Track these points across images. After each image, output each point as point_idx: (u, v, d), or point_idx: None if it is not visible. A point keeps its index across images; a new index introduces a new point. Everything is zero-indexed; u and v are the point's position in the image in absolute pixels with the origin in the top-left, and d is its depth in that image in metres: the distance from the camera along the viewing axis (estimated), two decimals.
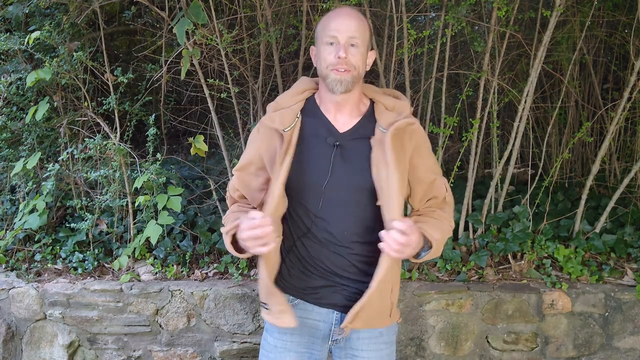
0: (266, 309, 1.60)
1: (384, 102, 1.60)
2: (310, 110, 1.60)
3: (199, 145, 2.61)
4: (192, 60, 2.64)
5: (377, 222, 1.53)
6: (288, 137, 1.52)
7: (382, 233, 1.38)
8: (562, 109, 3.34)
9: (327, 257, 1.57)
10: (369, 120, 1.58)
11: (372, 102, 1.62)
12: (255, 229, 1.36)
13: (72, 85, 3.03)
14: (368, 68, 1.58)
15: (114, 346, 2.71)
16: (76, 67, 2.83)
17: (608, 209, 2.87)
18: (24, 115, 2.99)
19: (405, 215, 1.63)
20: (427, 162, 1.62)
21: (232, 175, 1.69)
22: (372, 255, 1.55)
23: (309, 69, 3.05)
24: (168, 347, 2.69)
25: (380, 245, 1.39)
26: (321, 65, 1.53)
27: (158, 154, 2.80)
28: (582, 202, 2.88)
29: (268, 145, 1.57)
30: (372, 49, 1.61)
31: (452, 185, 2.82)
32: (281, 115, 1.55)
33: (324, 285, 1.59)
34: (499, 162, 2.85)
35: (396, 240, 1.36)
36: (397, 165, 1.48)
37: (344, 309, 1.58)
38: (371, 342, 1.63)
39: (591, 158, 3.42)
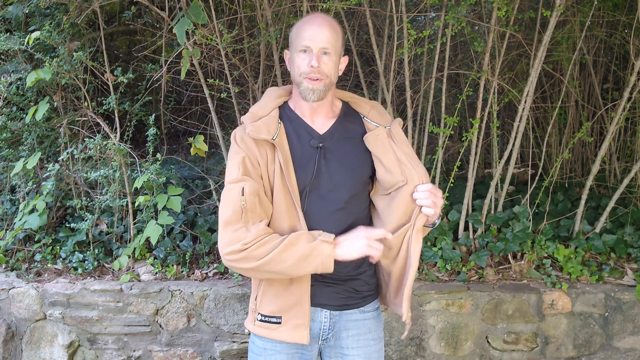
0: (275, 322, 1.58)
1: (360, 102, 1.70)
2: (287, 116, 1.64)
3: (199, 145, 2.61)
4: (192, 60, 2.64)
5: (362, 218, 1.63)
6: (279, 144, 1.56)
7: (415, 194, 1.52)
8: (562, 109, 3.34)
9: None
10: (345, 119, 1.66)
11: (344, 103, 1.71)
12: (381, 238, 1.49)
13: (72, 85, 3.03)
14: (340, 73, 1.64)
15: (114, 346, 2.71)
16: (76, 67, 2.83)
17: (608, 209, 2.87)
18: (24, 115, 2.99)
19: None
20: None
21: (236, 183, 1.51)
22: None
23: None
24: (168, 347, 2.69)
25: (416, 196, 1.51)
26: (294, 71, 1.58)
27: (158, 154, 2.80)
28: (582, 202, 2.88)
29: (259, 155, 1.57)
30: (344, 54, 1.65)
31: (452, 185, 2.83)
32: (265, 125, 1.57)
33: (313, 284, 1.60)
34: (499, 162, 2.85)
35: (431, 191, 1.50)
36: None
37: (333, 307, 1.62)
38: (360, 339, 1.65)
39: (591, 158, 3.43)
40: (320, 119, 1.63)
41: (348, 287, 1.62)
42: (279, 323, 1.57)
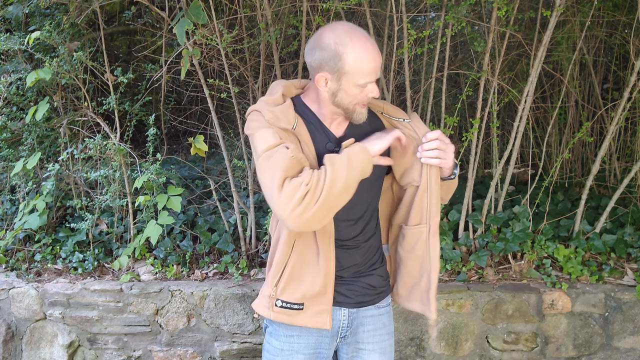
0: (296, 309, 1.56)
1: (372, 100, 1.66)
2: (302, 111, 1.58)
3: (199, 145, 2.60)
4: (192, 60, 2.64)
5: (376, 211, 1.68)
6: (300, 134, 1.53)
7: (419, 154, 1.53)
8: (562, 109, 3.34)
9: (339, 256, 1.60)
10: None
11: None
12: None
13: (72, 85, 3.03)
14: None
15: (114, 346, 2.71)
16: (76, 67, 2.83)
17: (608, 209, 2.87)
18: (24, 115, 2.99)
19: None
20: None
21: (276, 146, 1.46)
22: (379, 246, 1.69)
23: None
24: (168, 347, 2.69)
25: (420, 153, 1.52)
26: (346, 100, 1.50)
27: (158, 154, 2.80)
28: (582, 202, 2.88)
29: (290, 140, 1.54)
30: None
31: None
32: (283, 113, 1.51)
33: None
34: (499, 162, 2.85)
35: (438, 139, 1.50)
36: None
37: (351, 304, 1.64)
38: (376, 334, 1.68)
39: (591, 158, 3.43)
40: (338, 123, 1.60)
41: (364, 283, 1.64)
42: (301, 309, 1.56)
